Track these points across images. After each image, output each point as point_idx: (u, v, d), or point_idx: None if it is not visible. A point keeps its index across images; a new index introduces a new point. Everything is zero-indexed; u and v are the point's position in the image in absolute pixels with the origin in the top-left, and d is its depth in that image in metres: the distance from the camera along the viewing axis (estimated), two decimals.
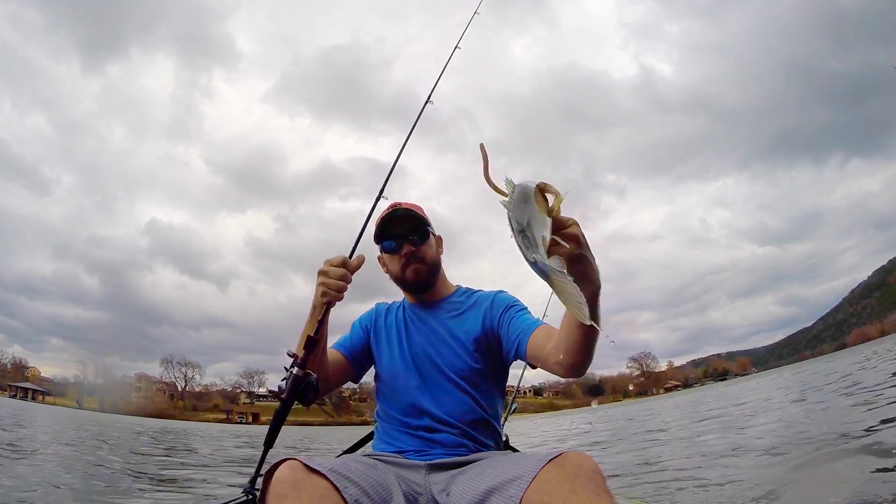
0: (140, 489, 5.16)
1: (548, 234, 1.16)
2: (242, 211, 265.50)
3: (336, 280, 1.76)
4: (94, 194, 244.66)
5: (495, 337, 1.94)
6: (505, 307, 1.97)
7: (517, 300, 2.03)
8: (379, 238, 2.09)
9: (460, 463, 1.72)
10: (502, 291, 2.09)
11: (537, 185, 1.19)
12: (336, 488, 1.32)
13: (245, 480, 1.89)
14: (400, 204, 2.12)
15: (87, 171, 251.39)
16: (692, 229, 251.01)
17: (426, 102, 2.59)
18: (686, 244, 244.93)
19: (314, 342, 1.76)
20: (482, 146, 1.49)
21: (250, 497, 1.83)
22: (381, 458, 1.76)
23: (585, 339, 1.49)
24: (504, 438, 2.27)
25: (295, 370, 1.72)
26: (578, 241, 1.24)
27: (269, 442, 1.84)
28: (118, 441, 13.72)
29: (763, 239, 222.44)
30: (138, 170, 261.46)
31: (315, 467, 1.33)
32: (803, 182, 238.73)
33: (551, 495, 1.26)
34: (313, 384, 1.73)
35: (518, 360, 1.94)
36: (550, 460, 1.33)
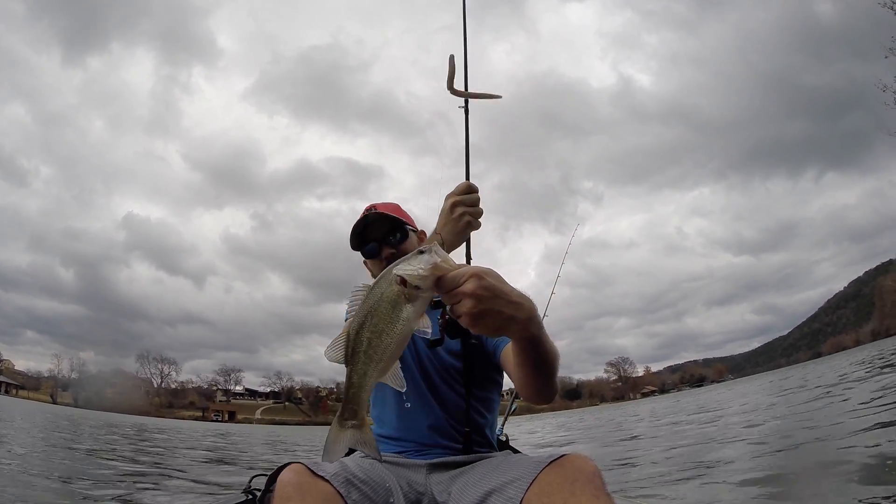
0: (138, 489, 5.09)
1: (398, 337, 1.13)
2: (220, 208, 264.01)
3: (476, 207, 1.74)
4: (71, 187, 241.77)
5: (482, 342, 1.91)
6: None
7: None
8: (355, 246, 2.08)
9: (461, 463, 1.72)
10: None
11: (393, 275, 1.13)
12: (340, 494, 1.33)
13: (244, 480, 1.88)
14: (374, 206, 2.09)
15: (66, 164, 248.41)
16: (669, 237, 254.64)
17: None
18: (662, 252, 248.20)
19: None
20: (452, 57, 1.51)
21: (250, 497, 1.82)
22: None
23: (535, 378, 1.51)
24: (504, 439, 2.27)
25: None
26: (477, 297, 1.13)
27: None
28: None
29: (739, 248, 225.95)
30: (116, 164, 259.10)
31: (319, 472, 1.33)
32: (779, 194, 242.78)
33: (551, 497, 1.26)
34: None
35: None
36: (550, 462, 1.33)
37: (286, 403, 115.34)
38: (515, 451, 2.05)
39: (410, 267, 1.12)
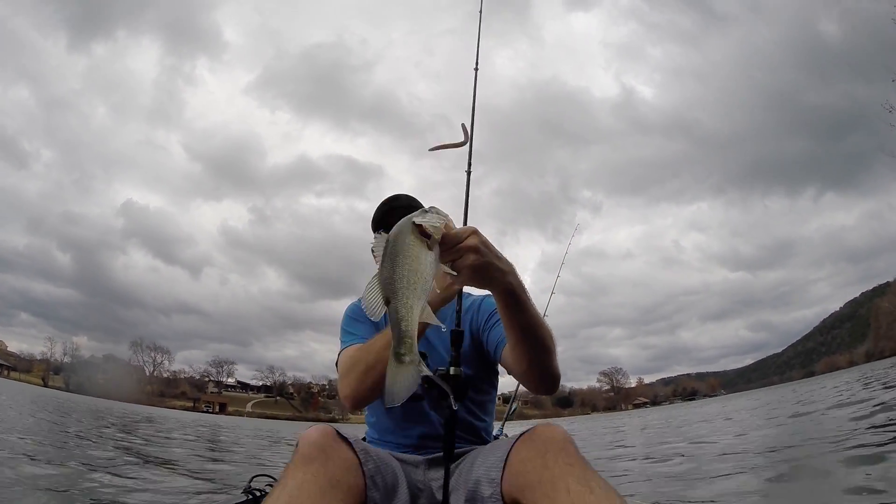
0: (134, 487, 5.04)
1: (428, 279, 1.14)
2: (218, 200, 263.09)
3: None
4: (71, 171, 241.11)
5: (481, 343, 1.91)
6: (490, 313, 1.92)
7: None
8: (379, 227, 2.03)
9: (457, 456, 1.70)
10: (490, 296, 2.03)
11: (412, 224, 1.16)
12: (360, 462, 1.34)
13: (244, 480, 1.86)
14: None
15: (67, 148, 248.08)
16: (666, 250, 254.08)
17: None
18: (659, 264, 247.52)
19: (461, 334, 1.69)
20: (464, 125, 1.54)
21: (250, 497, 1.80)
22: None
23: (526, 348, 1.51)
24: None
25: (452, 369, 1.61)
26: (478, 251, 1.22)
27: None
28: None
29: (735, 264, 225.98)
30: (117, 151, 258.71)
31: (346, 437, 1.35)
32: (777, 211, 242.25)
33: (525, 474, 1.27)
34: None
35: None
36: (520, 437, 1.35)
37: (277, 398, 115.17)
38: None
39: (425, 219, 1.17)
